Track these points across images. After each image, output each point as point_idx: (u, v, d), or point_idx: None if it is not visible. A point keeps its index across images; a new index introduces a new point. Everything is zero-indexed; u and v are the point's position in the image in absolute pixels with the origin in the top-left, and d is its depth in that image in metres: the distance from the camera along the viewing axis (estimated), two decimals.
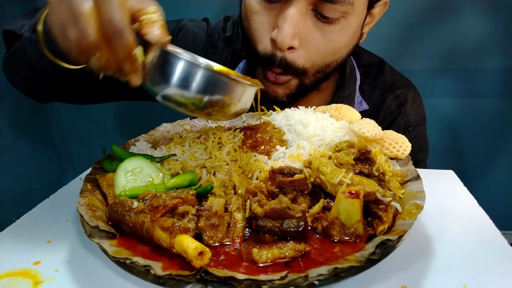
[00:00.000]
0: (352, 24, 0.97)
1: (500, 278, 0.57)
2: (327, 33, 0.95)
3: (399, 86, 1.20)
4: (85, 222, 0.59)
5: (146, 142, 0.89)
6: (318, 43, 0.96)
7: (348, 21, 0.95)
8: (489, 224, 0.71)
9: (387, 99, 1.19)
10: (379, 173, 0.68)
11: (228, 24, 1.26)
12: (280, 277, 0.48)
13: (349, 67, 1.18)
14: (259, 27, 0.98)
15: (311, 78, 1.03)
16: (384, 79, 1.21)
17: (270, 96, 1.05)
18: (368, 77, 1.22)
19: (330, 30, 0.95)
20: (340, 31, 0.96)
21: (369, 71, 1.23)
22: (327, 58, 1.00)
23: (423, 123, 1.22)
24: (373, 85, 1.21)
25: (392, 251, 0.53)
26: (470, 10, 1.53)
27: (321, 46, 0.97)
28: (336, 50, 0.99)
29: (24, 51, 0.88)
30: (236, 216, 0.61)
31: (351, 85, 1.18)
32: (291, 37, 0.91)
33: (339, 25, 0.94)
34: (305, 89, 1.06)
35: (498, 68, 1.57)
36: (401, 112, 1.18)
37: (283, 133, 0.84)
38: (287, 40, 0.91)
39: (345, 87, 1.17)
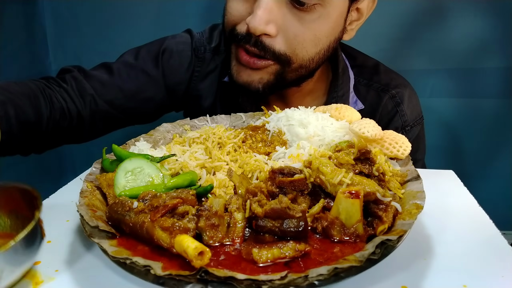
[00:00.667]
0: (331, 13, 0.96)
1: (500, 278, 0.57)
2: (305, 21, 0.95)
3: (394, 85, 1.19)
4: (85, 222, 0.59)
5: (146, 142, 0.89)
6: (297, 31, 0.95)
7: (325, 9, 0.95)
8: (489, 224, 0.71)
9: (383, 99, 1.17)
10: (379, 173, 0.68)
11: (214, 33, 1.24)
12: (280, 277, 0.48)
13: (342, 67, 1.17)
14: (235, 12, 0.99)
15: (293, 72, 1.02)
16: (379, 79, 1.20)
17: (243, 81, 1.02)
18: (363, 77, 1.21)
19: (308, 18, 0.95)
20: (318, 20, 0.95)
21: (363, 71, 1.22)
22: (309, 49, 0.99)
23: (420, 122, 1.21)
24: (368, 85, 1.20)
25: (392, 251, 0.53)
26: (469, 10, 1.53)
27: (300, 34, 0.96)
28: (316, 40, 0.98)
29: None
30: (236, 216, 0.61)
31: (345, 85, 1.17)
32: (264, 22, 0.92)
33: (317, 13, 0.94)
34: (284, 81, 1.04)
35: (498, 68, 1.57)
36: (398, 112, 1.17)
37: (283, 133, 0.84)
38: (260, 25, 0.92)
39: (339, 87, 1.16)
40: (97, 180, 0.73)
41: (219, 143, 0.83)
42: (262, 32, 0.93)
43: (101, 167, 0.79)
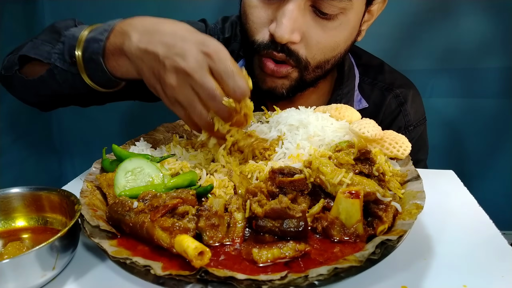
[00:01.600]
0: (351, 20, 0.98)
1: (500, 278, 0.57)
2: (327, 29, 0.96)
3: (399, 85, 1.20)
4: (86, 222, 0.59)
5: (146, 142, 0.89)
6: (319, 38, 0.97)
7: (346, 17, 0.96)
8: (489, 224, 0.71)
9: (387, 98, 1.19)
10: (379, 173, 0.68)
11: (226, 25, 1.26)
12: (280, 277, 0.48)
13: (348, 65, 1.18)
14: (256, 19, 0.99)
15: (311, 73, 1.04)
16: (384, 78, 1.21)
17: (268, 87, 1.05)
18: (368, 76, 1.22)
19: (330, 26, 0.96)
20: (339, 27, 0.97)
21: (368, 70, 1.23)
22: (327, 54, 1.01)
23: (423, 123, 1.22)
24: (373, 84, 1.21)
25: (392, 251, 0.53)
26: (470, 10, 1.53)
27: (322, 41, 0.98)
28: (336, 45, 1.01)
29: (53, 79, 0.89)
30: (236, 216, 0.61)
31: (350, 82, 1.18)
32: (289, 31, 0.92)
33: (338, 21, 0.96)
34: (304, 84, 1.06)
35: (498, 68, 1.57)
36: (401, 112, 1.18)
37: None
38: (286, 34, 0.92)
39: (344, 85, 1.17)
40: (97, 180, 0.73)
41: None
42: (288, 41, 0.94)
43: (101, 167, 0.79)
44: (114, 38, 0.81)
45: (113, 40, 0.81)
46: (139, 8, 1.70)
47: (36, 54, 0.92)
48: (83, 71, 0.84)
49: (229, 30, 1.25)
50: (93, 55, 0.82)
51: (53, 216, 0.67)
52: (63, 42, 0.86)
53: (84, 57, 0.83)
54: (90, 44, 0.82)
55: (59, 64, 0.87)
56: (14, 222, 0.67)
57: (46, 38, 0.95)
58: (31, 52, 0.93)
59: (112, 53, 0.81)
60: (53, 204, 0.66)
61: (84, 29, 0.85)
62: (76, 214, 0.59)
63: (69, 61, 0.85)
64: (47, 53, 0.90)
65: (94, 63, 0.82)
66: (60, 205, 0.65)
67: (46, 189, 0.67)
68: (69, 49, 0.84)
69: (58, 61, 0.87)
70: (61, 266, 0.57)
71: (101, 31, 0.82)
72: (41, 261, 0.53)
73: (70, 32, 0.87)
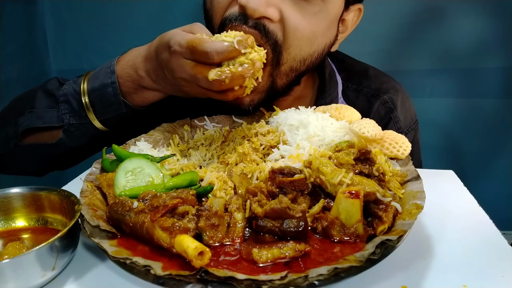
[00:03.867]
0: (330, 10, 0.91)
1: (500, 278, 0.57)
2: (306, 13, 0.88)
3: (385, 90, 1.13)
4: (86, 222, 0.59)
5: (146, 142, 0.89)
6: (298, 22, 0.87)
7: (326, 5, 0.90)
8: (489, 224, 0.71)
9: (374, 105, 1.11)
10: (379, 173, 0.68)
11: None
12: (280, 277, 0.48)
13: (328, 71, 1.11)
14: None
15: (283, 77, 0.94)
16: (369, 83, 1.14)
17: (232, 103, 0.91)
18: (352, 82, 1.15)
19: (309, 10, 0.88)
20: (318, 14, 0.89)
21: (352, 75, 1.15)
22: (303, 49, 0.91)
23: (414, 128, 1.15)
24: (358, 90, 1.14)
25: (392, 251, 0.53)
26: (469, 10, 1.53)
27: (300, 27, 0.88)
28: (313, 36, 0.91)
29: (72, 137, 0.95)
30: (236, 216, 0.61)
31: (333, 90, 1.11)
32: (264, 2, 0.82)
33: (317, 6, 0.89)
34: (276, 93, 0.97)
35: (497, 68, 1.57)
36: (392, 119, 1.11)
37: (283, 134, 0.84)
38: (260, 6, 0.81)
39: (326, 94, 1.10)
40: (97, 180, 0.73)
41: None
42: (262, 15, 0.83)
43: (101, 167, 0.79)
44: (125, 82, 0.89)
45: (126, 84, 0.89)
46: (138, 8, 1.70)
47: (45, 122, 0.95)
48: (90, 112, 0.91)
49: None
50: (112, 97, 0.89)
51: (53, 216, 0.67)
52: (67, 102, 0.92)
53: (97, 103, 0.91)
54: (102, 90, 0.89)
55: (74, 121, 0.93)
56: (14, 222, 0.67)
57: (44, 104, 0.97)
58: (38, 123, 0.95)
59: (135, 92, 0.90)
60: (53, 204, 0.66)
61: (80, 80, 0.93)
62: (76, 214, 0.59)
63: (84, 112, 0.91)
64: (57, 117, 0.94)
65: (116, 104, 0.90)
66: (60, 205, 0.65)
67: (46, 189, 0.67)
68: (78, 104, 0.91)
69: (72, 119, 0.93)
70: (61, 266, 0.57)
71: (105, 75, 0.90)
72: (41, 261, 0.53)
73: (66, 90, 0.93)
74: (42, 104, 0.97)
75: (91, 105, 0.91)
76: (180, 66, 0.76)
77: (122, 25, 1.72)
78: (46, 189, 0.67)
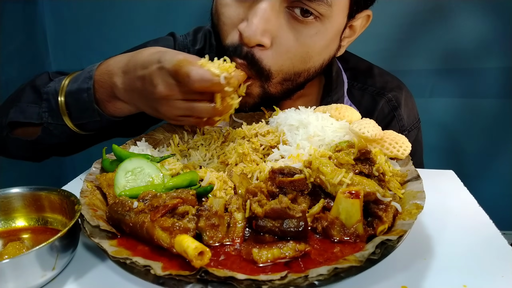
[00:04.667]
0: (329, 30, 0.90)
1: (500, 278, 0.57)
2: (301, 36, 0.88)
3: (390, 89, 1.15)
4: (86, 222, 0.59)
5: (147, 142, 0.89)
6: (290, 46, 0.88)
7: (324, 25, 0.88)
8: (489, 224, 0.71)
9: (379, 103, 1.14)
10: (379, 173, 0.68)
11: (198, 35, 1.20)
12: (280, 277, 0.48)
13: (335, 70, 1.13)
14: (227, 20, 0.90)
15: (277, 86, 0.94)
16: (374, 82, 1.16)
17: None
18: (357, 81, 1.17)
19: (305, 33, 0.88)
20: (315, 36, 0.89)
21: (357, 74, 1.18)
22: (296, 66, 0.92)
23: (417, 126, 1.18)
24: (363, 89, 1.16)
25: (392, 251, 0.53)
26: (469, 10, 1.54)
27: (292, 50, 0.89)
28: (308, 56, 0.92)
29: (51, 135, 0.93)
30: (236, 216, 0.61)
31: (339, 89, 1.12)
32: (260, 32, 0.84)
33: (315, 28, 0.88)
34: (271, 98, 0.97)
35: (498, 68, 1.57)
36: (395, 117, 1.14)
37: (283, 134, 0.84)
38: (255, 36, 0.84)
39: (333, 92, 1.11)
40: (97, 180, 0.73)
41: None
42: (256, 43, 0.86)
43: (101, 167, 0.79)
44: (100, 88, 0.86)
45: (100, 90, 0.87)
46: (138, 8, 1.70)
47: (26, 118, 0.94)
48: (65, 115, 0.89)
49: (202, 41, 1.18)
50: (87, 104, 0.87)
51: (53, 216, 0.67)
52: (47, 100, 0.91)
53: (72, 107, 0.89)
54: (78, 95, 0.87)
55: (52, 120, 0.91)
56: (14, 222, 0.67)
57: (29, 99, 0.96)
58: (20, 117, 0.95)
59: (108, 101, 0.87)
60: (53, 204, 0.66)
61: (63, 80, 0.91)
62: (76, 214, 0.59)
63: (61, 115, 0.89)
64: (37, 114, 0.93)
65: (90, 111, 0.87)
66: (60, 205, 0.65)
67: (46, 189, 0.67)
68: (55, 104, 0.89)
69: (50, 118, 0.91)
70: (61, 266, 0.57)
71: (83, 79, 0.87)
72: (41, 261, 0.53)
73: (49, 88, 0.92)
74: (28, 99, 0.96)
75: (66, 108, 0.89)
76: (163, 82, 0.74)
77: (122, 25, 1.72)
78: (46, 189, 0.67)
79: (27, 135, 0.97)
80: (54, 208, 0.66)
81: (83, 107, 0.87)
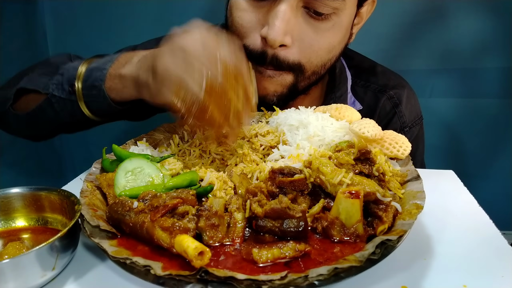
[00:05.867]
0: (344, 21, 0.96)
1: (500, 278, 0.57)
2: (320, 30, 0.94)
3: (392, 86, 1.18)
4: (86, 222, 0.59)
5: (146, 142, 0.89)
6: (312, 40, 0.94)
7: (339, 18, 0.94)
8: (489, 224, 0.71)
9: (381, 100, 1.16)
10: (379, 173, 0.68)
11: None
12: (280, 277, 0.48)
13: (339, 67, 1.16)
14: (246, 23, 0.95)
15: (305, 80, 1.01)
16: (377, 79, 1.19)
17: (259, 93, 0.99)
18: (360, 78, 1.20)
19: (323, 27, 0.94)
20: (332, 28, 0.95)
21: (360, 72, 1.20)
22: (323, 56, 0.99)
23: (419, 123, 1.20)
24: (366, 86, 1.19)
25: (392, 251, 0.53)
26: (469, 10, 1.53)
27: (315, 44, 0.95)
28: (331, 47, 0.98)
29: (51, 108, 0.92)
30: (236, 216, 0.61)
31: (342, 85, 1.16)
32: (283, 33, 0.89)
33: (331, 22, 0.93)
34: (296, 91, 1.03)
35: (497, 68, 1.57)
36: (396, 113, 1.16)
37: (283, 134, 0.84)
38: (279, 37, 0.89)
39: (336, 88, 1.15)
40: (97, 180, 0.73)
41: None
42: (280, 44, 0.91)
43: (101, 167, 0.79)
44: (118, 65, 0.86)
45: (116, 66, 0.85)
46: (139, 8, 1.70)
47: (33, 85, 0.94)
48: (81, 101, 0.89)
49: None
50: (95, 81, 0.86)
51: (53, 216, 0.67)
52: (62, 74, 0.91)
53: (85, 87, 0.88)
54: (92, 72, 0.87)
55: (57, 93, 0.90)
56: (14, 222, 0.67)
57: (42, 71, 0.97)
58: (28, 85, 0.95)
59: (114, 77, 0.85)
60: (53, 204, 0.66)
61: (84, 62, 0.90)
62: (76, 214, 0.59)
63: (68, 89, 0.89)
64: (44, 84, 0.93)
65: (95, 90, 0.86)
66: (60, 205, 0.65)
67: (46, 189, 0.67)
68: (68, 79, 0.89)
69: (56, 90, 0.91)
70: (61, 266, 0.57)
71: (105, 61, 0.87)
72: (41, 261, 0.53)
73: (69, 65, 0.92)
74: (41, 70, 0.97)
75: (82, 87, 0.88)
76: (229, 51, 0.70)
77: (122, 25, 1.72)
78: (46, 189, 0.67)
79: (28, 105, 0.96)
80: (54, 208, 0.66)
81: (91, 85, 0.86)
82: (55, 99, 0.91)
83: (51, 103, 0.92)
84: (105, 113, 0.92)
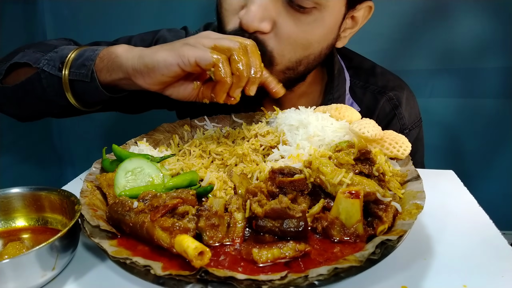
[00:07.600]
0: (326, 18, 0.93)
1: (500, 278, 0.57)
2: (300, 23, 0.91)
3: (391, 87, 1.17)
4: (86, 222, 0.59)
5: (146, 142, 0.89)
6: (291, 31, 0.92)
7: (321, 14, 0.91)
8: (489, 224, 0.71)
9: (380, 102, 1.15)
10: (379, 173, 0.68)
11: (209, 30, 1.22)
12: (280, 277, 0.48)
13: (337, 68, 1.14)
14: (228, 6, 0.94)
15: (279, 75, 0.97)
16: (376, 81, 1.18)
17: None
18: (359, 79, 1.18)
19: (303, 20, 0.91)
20: (313, 23, 0.92)
21: (359, 73, 1.19)
22: (298, 52, 0.96)
23: (418, 125, 1.19)
24: (365, 87, 1.17)
25: (392, 251, 0.53)
26: (469, 10, 1.53)
27: (293, 36, 0.92)
28: (307, 43, 0.95)
29: (39, 83, 0.91)
30: (236, 216, 0.61)
31: (341, 87, 1.14)
32: (258, 19, 0.88)
33: (313, 16, 0.91)
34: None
35: (497, 68, 1.57)
36: (396, 115, 1.15)
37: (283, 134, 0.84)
38: (253, 22, 0.88)
39: (334, 89, 1.13)
40: (97, 180, 0.73)
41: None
42: (255, 29, 0.89)
43: (101, 167, 0.79)
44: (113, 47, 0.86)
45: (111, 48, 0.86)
46: (139, 8, 1.70)
47: (26, 59, 0.94)
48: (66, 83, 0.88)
49: None
50: (86, 61, 0.86)
51: (53, 216, 0.67)
52: (56, 52, 0.91)
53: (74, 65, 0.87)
54: (85, 52, 0.87)
55: (47, 68, 0.90)
56: (14, 222, 0.67)
57: (38, 49, 0.97)
58: (21, 59, 0.95)
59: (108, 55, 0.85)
60: (53, 204, 0.66)
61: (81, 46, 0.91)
62: (76, 214, 0.59)
63: (58, 66, 0.88)
64: (36, 59, 0.93)
65: (85, 69, 0.86)
66: (60, 205, 0.65)
67: (46, 189, 0.67)
68: (61, 57, 0.89)
69: (47, 66, 0.90)
70: (61, 266, 0.57)
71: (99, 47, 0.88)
72: (41, 261, 0.53)
73: (66, 46, 0.92)
74: (37, 48, 0.97)
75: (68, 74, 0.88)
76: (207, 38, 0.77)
77: (122, 25, 1.72)
78: (46, 189, 0.67)
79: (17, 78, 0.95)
80: (54, 208, 0.66)
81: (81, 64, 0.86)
82: (44, 74, 0.90)
83: (39, 78, 0.91)
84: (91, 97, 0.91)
